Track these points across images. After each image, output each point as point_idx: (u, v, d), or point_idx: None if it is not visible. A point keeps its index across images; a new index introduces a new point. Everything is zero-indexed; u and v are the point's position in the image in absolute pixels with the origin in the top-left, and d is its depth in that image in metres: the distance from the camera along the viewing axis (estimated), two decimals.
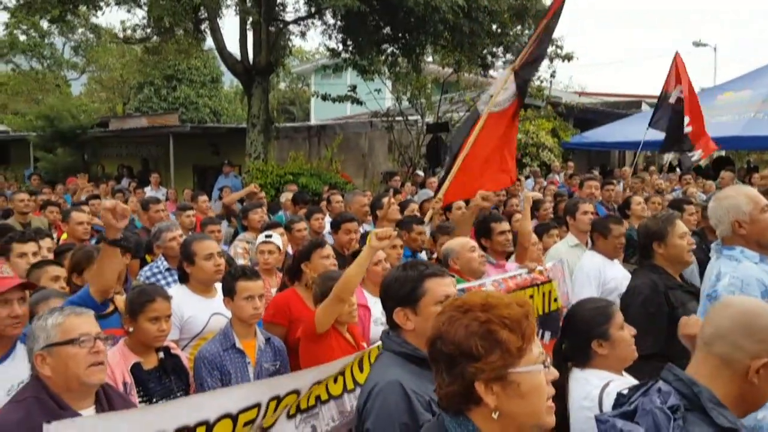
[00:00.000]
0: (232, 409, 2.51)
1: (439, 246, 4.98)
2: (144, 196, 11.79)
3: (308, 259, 3.95)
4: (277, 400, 2.71)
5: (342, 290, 3.19)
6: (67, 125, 18.96)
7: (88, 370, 2.35)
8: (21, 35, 30.96)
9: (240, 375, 3.23)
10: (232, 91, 35.51)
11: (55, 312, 2.44)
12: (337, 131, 15.72)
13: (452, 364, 1.55)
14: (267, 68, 13.44)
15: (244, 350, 3.29)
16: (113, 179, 16.11)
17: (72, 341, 2.34)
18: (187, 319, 3.66)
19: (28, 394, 2.33)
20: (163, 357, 3.16)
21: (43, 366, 2.33)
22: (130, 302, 3.12)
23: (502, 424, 1.55)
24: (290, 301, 3.88)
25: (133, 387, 2.96)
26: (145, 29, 14.88)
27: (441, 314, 1.64)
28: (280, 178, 12.25)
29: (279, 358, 3.44)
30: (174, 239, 4.93)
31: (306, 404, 2.98)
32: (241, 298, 3.30)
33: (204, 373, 3.17)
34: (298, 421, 2.94)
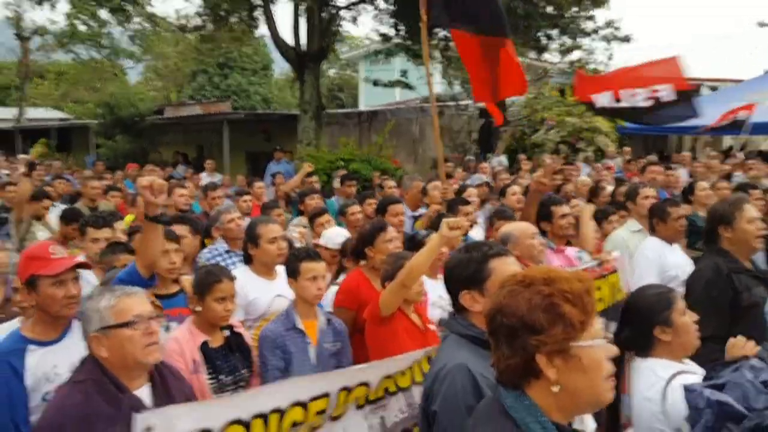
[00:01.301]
0: (303, 397, 2.56)
1: (495, 230, 4.93)
2: (200, 182, 12.12)
3: (372, 244, 3.96)
4: (347, 391, 2.76)
5: (407, 277, 3.19)
6: (126, 113, 19.51)
7: (145, 351, 2.35)
8: (81, 25, 31.84)
9: (301, 355, 3.28)
10: (282, 78, 35.87)
11: (107, 293, 2.43)
12: (387, 117, 15.70)
13: (513, 337, 1.55)
14: (319, 54, 13.51)
15: (305, 331, 3.35)
16: (170, 165, 16.54)
17: (127, 324, 2.34)
18: (251, 300, 3.75)
19: (85, 375, 2.35)
20: (229, 335, 3.24)
21: (99, 347, 2.34)
22: (198, 283, 3.20)
23: (560, 398, 1.55)
24: (359, 284, 3.90)
25: (202, 364, 3.04)
26: (200, 17, 15.14)
27: (501, 288, 1.65)
28: (332, 164, 12.33)
29: (340, 339, 3.48)
30: (233, 221, 5.02)
31: (374, 396, 3.01)
32: (304, 279, 3.35)
33: (267, 352, 3.24)
34: (367, 412, 2.98)
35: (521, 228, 4.20)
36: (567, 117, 14.70)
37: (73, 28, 31.69)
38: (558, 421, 1.56)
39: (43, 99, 35.44)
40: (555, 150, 14.20)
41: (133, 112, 19.67)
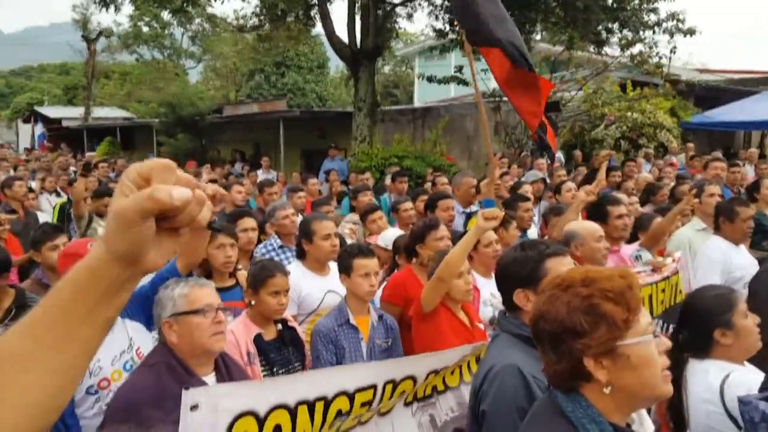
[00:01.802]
0: (349, 387, 2.56)
1: (551, 227, 4.84)
2: (257, 179, 12.35)
3: (422, 241, 3.95)
4: (392, 384, 2.74)
5: (444, 271, 3.18)
6: (187, 112, 20.03)
7: (211, 339, 2.49)
8: (144, 27, 33.03)
9: (353, 350, 3.30)
10: (337, 76, 36.22)
11: (181, 282, 2.59)
12: (441, 113, 15.60)
13: (557, 343, 1.53)
14: (374, 51, 13.54)
15: (358, 326, 3.37)
16: (228, 163, 16.91)
17: (197, 311, 2.48)
18: (304, 295, 3.79)
19: (158, 359, 2.48)
20: (282, 329, 3.29)
21: (170, 333, 2.48)
22: (253, 277, 3.26)
23: (615, 397, 1.52)
24: (407, 280, 3.90)
25: (255, 356, 3.10)
26: (257, 17, 15.40)
27: (541, 294, 1.63)
28: (385, 160, 12.34)
29: (391, 336, 3.48)
30: (287, 217, 5.08)
31: (422, 393, 3.01)
32: (357, 275, 3.37)
33: (320, 347, 3.27)
34: (415, 409, 2.97)
35: (588, 228, 4.05)
36: (628, 112, 14.29)
37: (136, 29, 32.98)
38: (616, 421, 1.53)
39: (108, 98, 36.87)
40: (615, 146, 13.83)
41: (193, 111, 20.19)
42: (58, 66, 57.44)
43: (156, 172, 0.78)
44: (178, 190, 0.77)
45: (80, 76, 39.82)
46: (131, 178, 0.78)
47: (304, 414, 2.42)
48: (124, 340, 2.90)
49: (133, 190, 0.77)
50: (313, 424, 2.46)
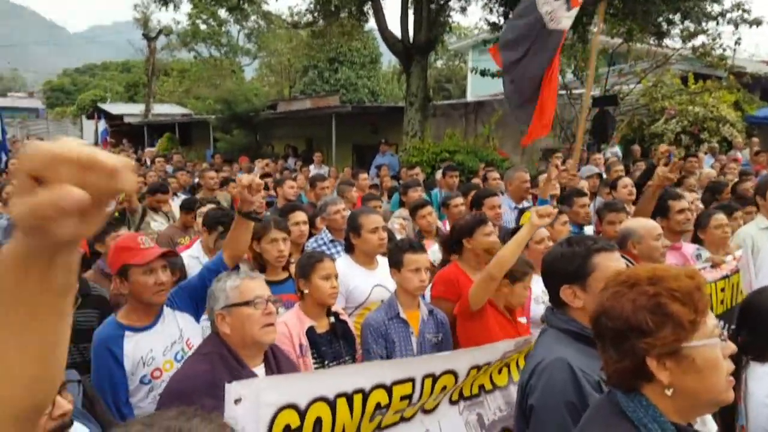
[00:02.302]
0: (386, 380, 2.57)
1: (607, 224, 4.73)
2: (309, 173, 12.51)
3: (470, 236, 3.91)
4: (432, 378, 2.73)
5: (496, 268, 3.15)
6: (242, 108, 20.44)
7: (262, 330, 2.52)
8: (202, 25, 33.86)
9: (403, 344, 3.31)
10: (389, 71, 36.26)
11: (233, 275, 2.65)
12: (495, 107, 15.42)
13: (620, 340, 1.50)
14: (426, 46, 13.49)
15: (408, 320, 3.36)
16: (281, 158, 17.18)
17: (248, 303, 2.52)
18: (352, 289, 3.81)
19: (210, 349, 2.54)
20: (334, 322, 3.32)
21: (222, 324, 2.53)
22: (302, 265, 3.30)
23: (676, 400, 1.48)
24: (458, 276, 3.87)
25: (308, 349, 3.13)
26: (311, 13, 15.57)
27: (604, 289, 1.60)
28: (436, 155, 12.29)
29: (442, 331, 3.47)
30: (338, 212, 5.13)
31: (469, 392, 2.99)
32: (408, 270, 3.36)
33: (370, 340, 3.28)
34: (462, 408, 2.96)
35: (647, 226, 3.91)
36: (689, 106, 13.81)
37: (194, 27, 33.83)
38: (677, 422, 1.50)
39: (167, 95, 37.95)
40: (675, 140, 13.39)
41: (248, 108, 20.58)
42: (120, 64, 59.48)
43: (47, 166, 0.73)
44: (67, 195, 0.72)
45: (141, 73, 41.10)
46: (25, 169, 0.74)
47: (343, 406, 2.44)
48: (175, 331, 2.99)
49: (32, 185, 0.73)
50: (352, 416, 2.47)
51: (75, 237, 0.77)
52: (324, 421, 2.37)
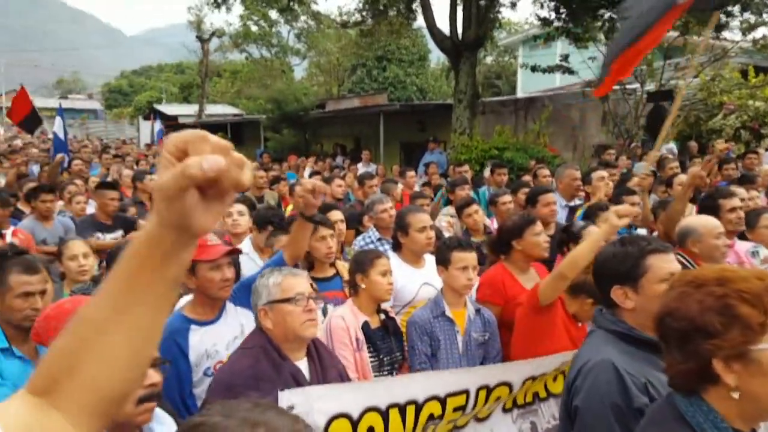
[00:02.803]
0: (440, 392, 2.58)
1: (661, 223, 4.59)
2: (357, 172, 12.57)
3: (520, 236, 3.85)
4: (486, 389, 2.73)
5: (568, 268, 3.09)
6: (292, 108, 20.71)
7: (303, 326, 2.57)
8: (253, 26, 34.45)
9: (449, 343, 3.30)
10: (438, 68, 36.12)
11: (275, 272, 2.70)
12: (545, 103, 15.18)
13: (685, 341, 1.47)
14: (475, 42, 13.37)
15: (454, 319, 3.35)
16: (329, 157, 17.33)
17: (289, 300, 2.57)
18: (399, 287, 3.81)
19: (254, 343, 2.60)
20: (385, 318, 3.35)
21: (265, 319, 2.60)
22: (359, 261, 3.33)
23: (741, 405, 1.45)
24: (504, 278, 3.84)
25: (364, 343, 3.17)
26: (360, 13, 15.63)
27: (670, 290, 1.57)
28: (485, 152, 12.17)
29: (488, 330, 3.45)
30: (385, 211, 5.14)
31: (523, 400, 2.98)
32: (455, 268, 3.35)
33: (415, 338, 3.29)
34: (515, 416, 2.94)
35: (707, 225, 3.78)
36: (749, 100, 13.27)
37: (246, 28, 34.43)
38: (739, 428, 1.46)
39: (220, 96, 38.75)
40: (734, 136, 12.89)
41: (297, 107, 20.82)
42: (174, 65, 61.07)
43: (191, 143, 0.81)
44: (209, 160, 0.79)
45: (194, 74, 42.12)
46: (169, 150, 0.82)
47: (395, 417, 2.45)
48: (236, 326, 3.07)
49: (173, 161, 0.81)
50: (404, 427, 2.48)
51: (200, 224, 0.84)
52: (376, 431, 2.39)
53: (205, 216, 0.83)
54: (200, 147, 0.81)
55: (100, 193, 5.89)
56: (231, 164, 0.81)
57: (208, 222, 0.84)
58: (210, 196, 0.83)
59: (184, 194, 0.81)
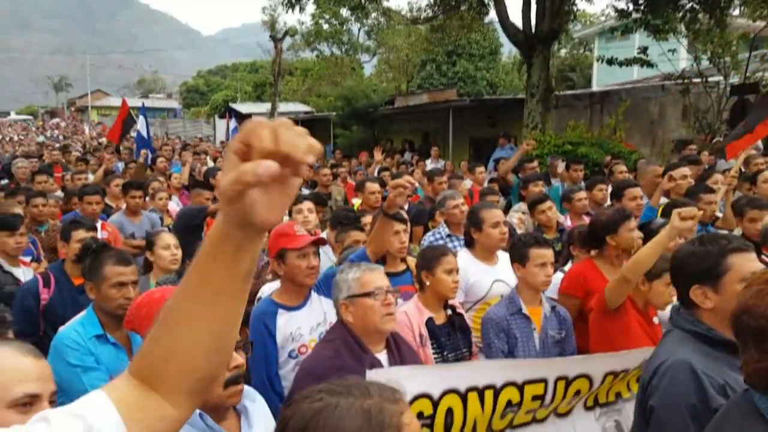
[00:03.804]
0: (518, 378, 2.60)
1: (748, 221, 4.41)
2: (425, 168, 12.57)
3: (615, 232, 3.75)
4: (565, 380, 2.73)
5: (631, 271, 3.06)
6: (361, 104, 20.89)
7: (382, 319, 2.64)
8: (324, 24, 34.94)
9: (526, 341, 3.29)
10: (509, 62, 35.58)
11: (354, 267, 2.79)
12: (622, 97, 14.70)
13: (762, 339, 1.45)
14: (549, 35, 13.08)
15: (530, 316, 3.34)
16: (398, 153, 17.40)
17: (368, 294, 2.65)
18: (471, 283, 3.83)
19: (336, 335, 2.69)
20: (451, 314, 3.37)
21: (346, 313, 2.69)
22: (426, 258, 3.38)
23: None
24: (586, 273, 3.78)
25: (427, 339, 3.21)
26: (431, 8, 15.59)
27: (748, 288, 1.56)
28: (558, 148, 11.90)
29: (564, 327, 3.42)
30: (457, 206, 5.14)
31: (605, 399, 2.96)
32: (534, 265, 3.33)
33: (491, 335, 3.28)
34: (598, 414, 2.93)
35: None
36: None
37: (318, 27, 34.95)
38: None
39: (291, 94, 39.48)
40: None
41: (367, 104, 20.97)
42: (248, 64, 62.55)
43: (253, 136, 0.85)
44: (263, 166, 0.83)
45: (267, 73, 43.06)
46: (234, 149, 0.86)
47: (474, 400, 2.49)
48: (320, 313, 3.24)
49: (236, 161, 0.85)
50: (483, 410, 2.52)
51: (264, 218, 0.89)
52: (455, 412, 2.45)
53: (269, 211, 0.88)
54: (260, 134, 0.84)
55: (196, 192, 6.17)
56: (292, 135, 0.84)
57: (271, 217, 0.89)
58: (273, 188, 0.87)
59: (243, 196, 0.86)
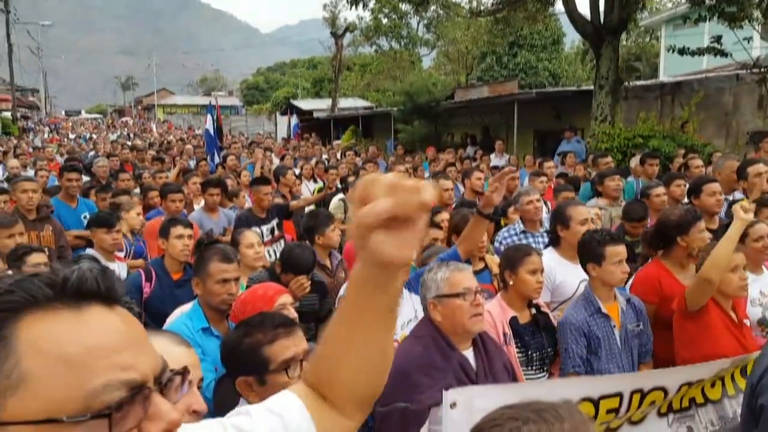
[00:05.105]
0: (594, 394, 2.59)
1: None
2: (489, 162, 12.47)
3: (686, 233, 3.69)
4: (640, 393, 2.71)
5: (711, 271, 3.01)
6: (423, 99, 20.83)
7: (471, 320, 2.67)
8: (384, 19, 35.00)
9: (608, 339, 3.25)
10: (572, 52, 34.80)
11: (443, 267, 2.80)
12: (694, 87, 14.18)
13: None
14: (618, 26, 12.74)
15: (609, 314, 3.30)
16: (460, 147, 17.30)
17: (458, 295, 2.67)
18: (558, 283, 3.80)
19: (425, 332, 2.73)
20: (535, 313, 3.35)
21: (434, 312, 2.72)
22: (509, 258, 3.36)
23: None
24: (660, 276, 3.71)
25: (511, 338, 3.21)
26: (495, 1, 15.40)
27: None
28: (628, 141, 11.60)
29: (641, 319, 3.39)
30: (531, 202, 5.11)
31: (679, 405, 2.92)
32: (610, 263, 3.28)
33: (570, 340, 3.23)
34: (671, 420, 2.90)
35: None
36: None
37: (377, 22, 35.03)
38: None
39: (350, 90, 39.73)
40: None
41: (429, 99, 20.90)
42: (306, 61, 63.23)
43: (367, 187, 0.90)
44: (378, 207, 0.87)
45: (325, 69, 43.50)
46: (355, 199, 0.92)
47: None
48: (410, 310, 3.27)
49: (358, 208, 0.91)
50: None
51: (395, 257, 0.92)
52: None
53: (399, 248, 0.91)
54: (373, 190, 0.89)
55: (255, 188, 6.30)
56: (406, 194, 0.87)
57: (403, 253, 0.92)
58: (401, 227, 0.90)
59: (368, 240, 0.91)
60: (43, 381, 0.65)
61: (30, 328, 0.66)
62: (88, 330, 0.69)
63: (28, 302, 0.67)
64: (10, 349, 0.65)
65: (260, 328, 2.03)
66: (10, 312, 0.66)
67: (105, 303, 0.72)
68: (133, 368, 0.70)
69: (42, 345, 0.66)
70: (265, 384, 1.96)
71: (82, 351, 0.67)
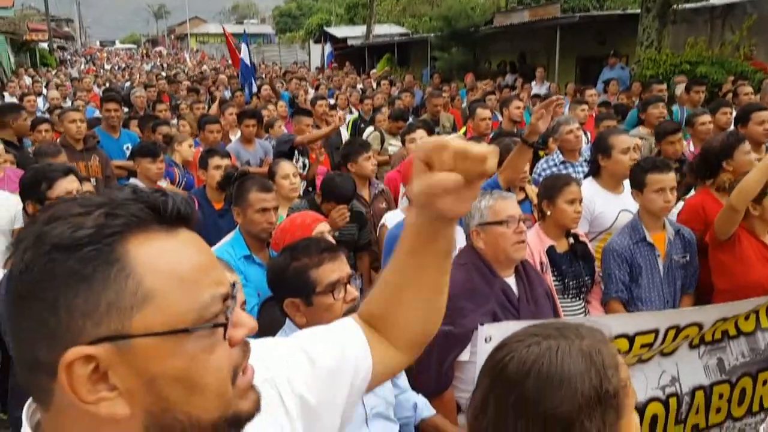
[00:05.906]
0: (629, 330, 2.62)
1: None
2: (531, 91, 12.17)
3: (731, 156, 3.61)
4: (676, 329, 2.73)
5: (738, 199, 2.97)
6: (462, 24, 20.18)
7: (513, 247, 2.69)
8: None
9: (650, 268, 3.26)
10: None
11: (487, 195, 2.82)
12: (747, 10, 13.43)
13: None
14: None
15: (654, 243, 3.29)
16: (498, 75, 16.87)
17: (501, 222, 2.69)
18: (597, 214, 3.78)
19: (467, 260, 2.76)
20: (573, 243, 3.36)
21: (477, 240, 2.74)
22: (548, 187, 3.35)
23: None
24: (705, 203, 3.66)
25: (548, 267, 3.24)
26: None
27: None
28: (675, 67, 11.16)
29: (689, 250, 3.37)
30: (571, 132, 5.02)
31: (711, 337, 2.93)
32: (651, 191, 3.26)
33: (613, 266, 3.27)
34: (702, 352, 2.91)
35: None
36: None
37: None
38: None
39: (386, 15, 38.66)
40: None
41: (467, 23, 20.25)
42: None
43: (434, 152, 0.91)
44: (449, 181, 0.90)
45: None
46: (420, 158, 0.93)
47: None
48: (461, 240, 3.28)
49: (423, 169, 0.93)
50: None
51: (453, 213, 0.98)
52: None
53: (458, 204, 0.95)
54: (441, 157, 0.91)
55: (297, 119, 6.33)
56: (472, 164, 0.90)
57: (461, 209, 0.97)
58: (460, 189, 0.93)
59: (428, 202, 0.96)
60: (168, 296, 0.71)
61: (138, 249, 0.71)
62: (188, 250, 0.76)
63: (133, 225, 0.71)
64: (129, 269, 0.70)
65: (306, 253, 2.09)
66: (117, 235, 0.70)
67: (188, 227, 0.78)
68: (222, 283, 0.77)
69: (158, 264, 0.71)
70: (312, 305, 2.03)
71: (190, 268, 0.74)
